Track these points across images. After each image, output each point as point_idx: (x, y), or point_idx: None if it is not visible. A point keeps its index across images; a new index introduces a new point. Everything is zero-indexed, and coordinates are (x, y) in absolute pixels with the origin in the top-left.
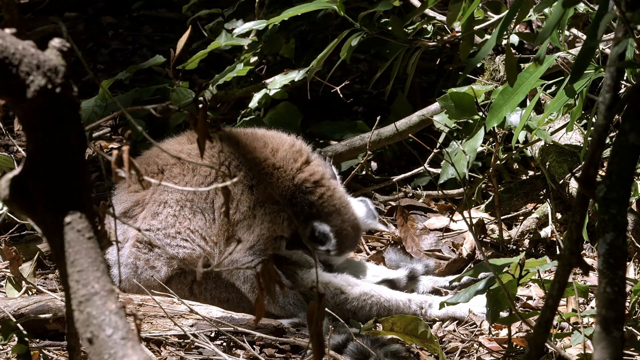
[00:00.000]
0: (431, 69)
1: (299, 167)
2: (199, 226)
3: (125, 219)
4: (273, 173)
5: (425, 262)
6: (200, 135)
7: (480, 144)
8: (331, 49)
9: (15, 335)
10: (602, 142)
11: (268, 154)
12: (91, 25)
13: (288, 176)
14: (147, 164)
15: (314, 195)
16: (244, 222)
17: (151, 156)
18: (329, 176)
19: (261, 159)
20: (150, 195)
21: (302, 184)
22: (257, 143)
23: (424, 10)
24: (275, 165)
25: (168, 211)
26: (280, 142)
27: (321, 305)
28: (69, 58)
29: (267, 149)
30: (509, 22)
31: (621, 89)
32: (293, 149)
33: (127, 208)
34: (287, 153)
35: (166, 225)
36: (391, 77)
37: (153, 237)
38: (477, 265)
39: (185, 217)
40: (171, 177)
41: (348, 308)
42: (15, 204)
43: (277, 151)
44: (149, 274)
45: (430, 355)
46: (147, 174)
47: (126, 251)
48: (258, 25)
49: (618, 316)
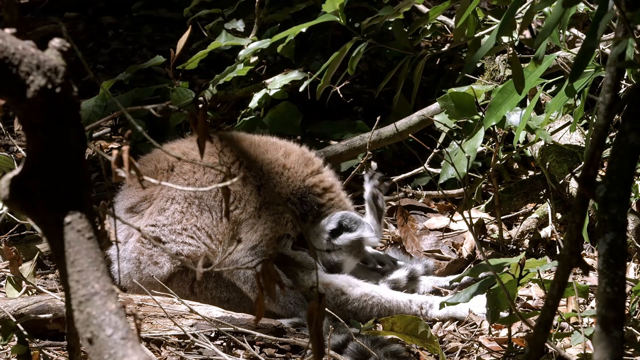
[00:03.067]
0: (431, 69)
1: (310, 173)
2: (205, 224)
3: (131, 214)
4: (283, 173)
5: (425, 262)
6: (200, 135)
7: (480, 144)
8: (337, 61)
9: (15, 335)
10: (602, 142)
11: (280, 156)
12: (91, 25)
13: (299, 177)
14: (157, 160)
15: (322, 199)
16: (249, 221)
17: (162, 153)
18: (338, 187)
19: (273, 159)
20: (159, 190)
21: (313, 187)
22: (270, 146)
23: (428, 21)
24: (287, 166)
25: (175, 207)
26: (293, 148)
27: (321, 305)
28: (69, 58)
29: (280, 152)
30: (508, 23)
31: (621, 89)
32: (305, 156)
33: (134, 203)
34: (299, 158)
35: (173, 222)
36: (397, 87)
37: (158, 233)
38: (477, 265)
39: (193, 214)
40: (181, 173)
41: (349, 309)
42: (15, 204)
43: (290, 155)
44: (152, 269)
45: (430, 355)
46: (157, 171)
47: (130, 246)
48: (262, 45)
49: (618, 316)
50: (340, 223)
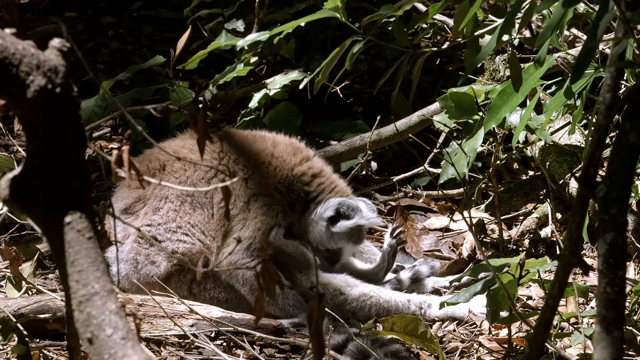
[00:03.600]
0: (431, 69)
1: (298, 162)
2: (198, 221)
3: (126, 216)
4: (271, 162)
5: (432, 263)
6: (200, 135)
7: (480, 144)
8: (335, 57)
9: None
10: (602, 142)
11: (268, 145)
12: (91, 25)
13: (287, 166)
14: (149, 160)
15: (311, 186)
16: (240, 216)
17: (153, 153)
18: (329, 172)
19: (260, 149)
20: (152, 191)
21: (300, 176)
22: (258, 137)
23: (426, 18)
24: (274, 154)
25: (169, 206)
26: (281, 139)
27: (321, 305)
28: (69, 58)
29: (268, 142)
30: (509, 24)
31: (621, 89)
32: (293, 145)
33: (128, 204)
34: (287, 147)
35: (167, 220)
36: (396, 84)
37: (154, 232)
38: (477, 265)
39: (186, 212)
40: (172, 172)
41: (347, 309)
42: (15, 204)
43: (277, 145)
44: (149, 269)
45: (430, 355)
46: (150, 170)
47: (127, 247)
48: (261, 37)
49: (618, 316)
50: (338, 210)
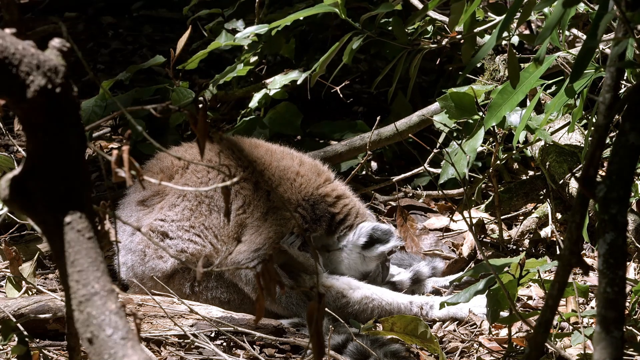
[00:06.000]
0: (431, 69)
1: (323, 182)
2: (213, 224)
3: (142, 207)
4: (296, 179)
5: (434, 264)
6: (200, 135)
7: (480, 144)
8: (334, 52)
9: (15, 335)
10: (602, 142)
11: (294, 163)
12: (91, 25)
13: (312, 185)
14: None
15: (336, 207)
16: (254, 224)
17: (179, 151)
18: (350, 194)
19: (287, 166)
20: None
21: (325, 196)
22: (287, 154)
23: (425, 13)
24: (300, 173)
25: (186, 204)
26: (306, 159)
27: (321, 305)
28: (69, 58)
29: (295, 160)
30: (509, 22)
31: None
32: (317, 166)
33: (146, 196)
34: (312, 167)
35: (182, 218)
36: (394, 80)
37: (166, 228)
38: (477, 265)
39: (202, 213)
40: (195, 172)
41: (349, 311)
42: (15, 204)
43: (304, 164)
44: (156, 263)
45: (430, 355)
46: (173, 167)
47: (138, 237)
48: (259, 30)
49: (618, 316)
50: (372, 235)
